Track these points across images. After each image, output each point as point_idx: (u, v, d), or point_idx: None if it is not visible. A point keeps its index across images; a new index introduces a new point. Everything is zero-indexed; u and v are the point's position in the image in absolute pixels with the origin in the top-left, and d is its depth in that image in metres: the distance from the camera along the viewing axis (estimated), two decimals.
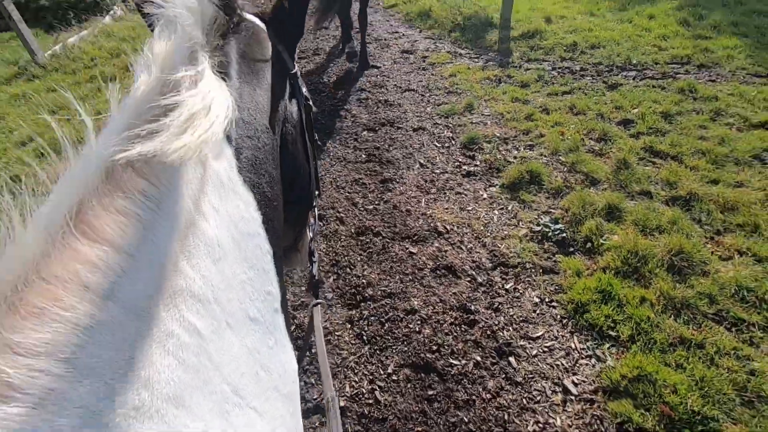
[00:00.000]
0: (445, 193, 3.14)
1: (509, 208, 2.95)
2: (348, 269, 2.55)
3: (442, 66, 5.29)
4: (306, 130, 1.06)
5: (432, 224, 2.84)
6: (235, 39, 0.82)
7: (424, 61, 5.44)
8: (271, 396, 0.61)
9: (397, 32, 6.41)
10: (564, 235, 2.63)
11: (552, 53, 5.33)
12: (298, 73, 1.05)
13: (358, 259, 2.62)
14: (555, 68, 5.04)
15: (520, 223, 2.81)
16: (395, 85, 4.86)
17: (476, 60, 5.45)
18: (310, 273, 1.12)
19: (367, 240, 2.75)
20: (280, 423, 0.61)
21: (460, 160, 3.51)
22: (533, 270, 2.47)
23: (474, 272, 2.48)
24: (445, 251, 2.63)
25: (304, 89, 1.06)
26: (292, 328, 2.22)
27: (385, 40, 6.12)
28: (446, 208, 2.98)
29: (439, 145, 3.73)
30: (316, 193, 1.17)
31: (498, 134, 3.79)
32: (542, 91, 4.50)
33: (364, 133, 3.98)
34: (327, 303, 2.37)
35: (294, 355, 0.74)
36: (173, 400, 0.43)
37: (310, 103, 1.09)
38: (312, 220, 1.23)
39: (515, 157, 3.45)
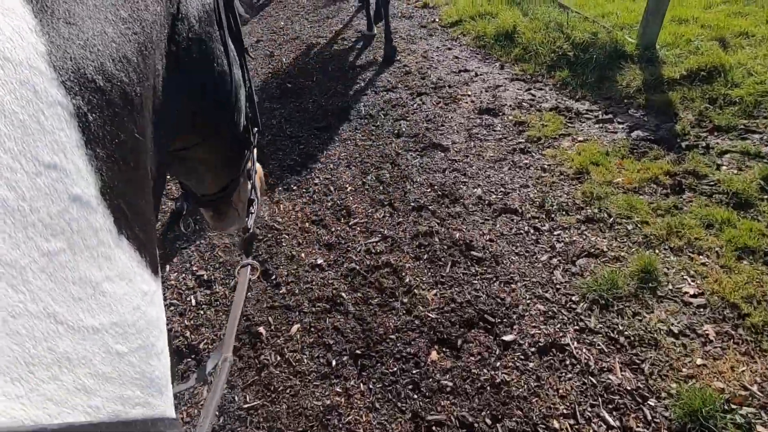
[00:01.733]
0: None
1: None
2: None
3: (553, 144, 3.08)
4: (226, 28, 0.78)
5: None
6: None
7: (519, 134, 3.25)
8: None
9: (466, 70, 4.21)
10: None
11: (759, 112, 2.97)
12: None
13: None
14: None
15: None
16: (479, 196, 2.73)
17: (610, 126, 3.19)
18: (244, 227, 0.96)
19: None
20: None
21: None
22: None
23: None
24: None
25: None
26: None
27: (450, 87, 3.94)
28: None
29: (616, 424, 1.59)
30: (255, 129, 1.01)
31: (756, 395, 1.59)
32: None
33: (434, 353, 1.90)
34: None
35: (158, 305, 0.46)
36: None
37: None
38: (251, 165, 1.02)
39: None
